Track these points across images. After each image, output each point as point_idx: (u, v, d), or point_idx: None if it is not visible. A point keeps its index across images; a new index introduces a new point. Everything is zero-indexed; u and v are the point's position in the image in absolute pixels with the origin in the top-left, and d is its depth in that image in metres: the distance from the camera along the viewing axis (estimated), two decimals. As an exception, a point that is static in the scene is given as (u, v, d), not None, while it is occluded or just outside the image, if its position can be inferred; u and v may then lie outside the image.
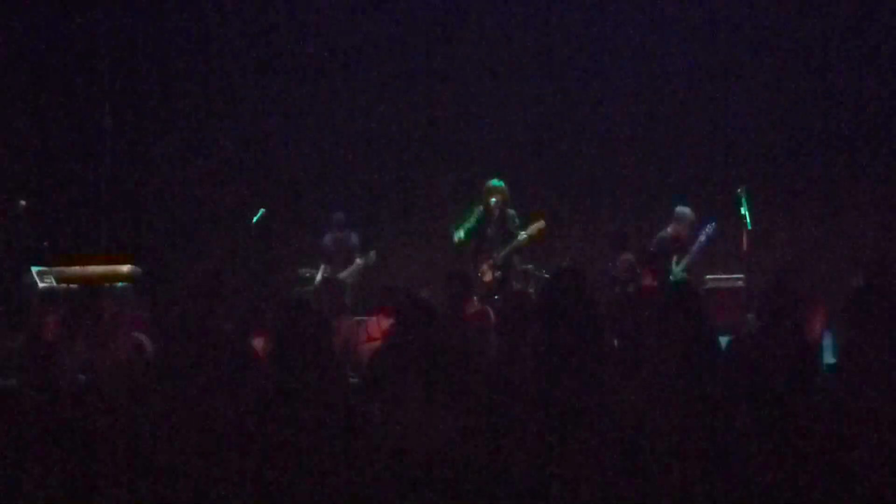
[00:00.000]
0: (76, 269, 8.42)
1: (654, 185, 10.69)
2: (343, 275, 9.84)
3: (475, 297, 7.49)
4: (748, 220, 8.55)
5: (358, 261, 9.99)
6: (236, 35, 11.38)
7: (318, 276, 9.97)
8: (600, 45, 11.03)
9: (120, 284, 8.32)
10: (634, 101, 10.97)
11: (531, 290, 8.34)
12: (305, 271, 10.37)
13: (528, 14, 11.17)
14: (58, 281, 8.31)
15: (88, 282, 8.22)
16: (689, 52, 10.85)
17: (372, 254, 10.02)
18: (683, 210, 9.21)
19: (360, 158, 11.39)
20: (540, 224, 8.82)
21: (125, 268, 8.46)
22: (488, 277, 8.80)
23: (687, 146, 10.81)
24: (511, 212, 9.01)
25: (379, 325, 7.42)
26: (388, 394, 4.36)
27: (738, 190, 8.70)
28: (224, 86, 11.37)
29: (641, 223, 10.23)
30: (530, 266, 9.24)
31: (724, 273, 9.18)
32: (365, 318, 8.03)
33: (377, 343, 6.61)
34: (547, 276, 8.59)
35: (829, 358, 5.69)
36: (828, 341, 6.13)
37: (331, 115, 11.38)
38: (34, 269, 8.37)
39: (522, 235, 8.76)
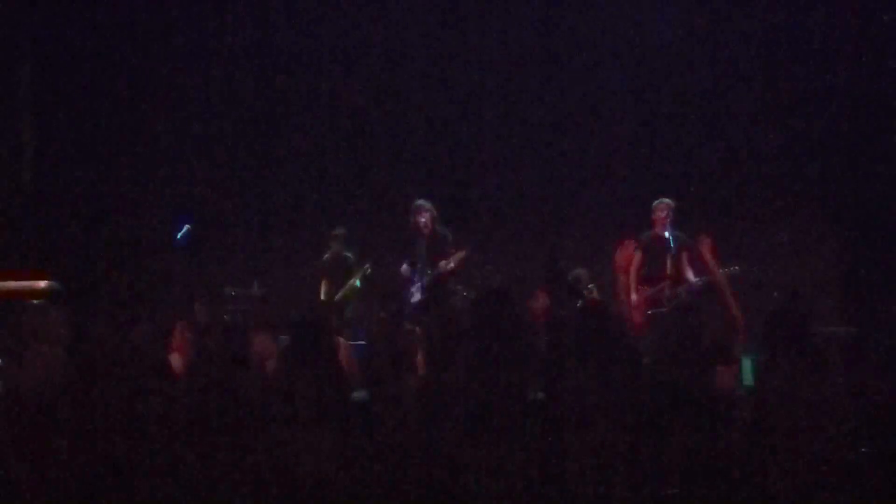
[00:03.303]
0: (-8, 284, 8.22)
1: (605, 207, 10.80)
2: (339, 295, 9.69)
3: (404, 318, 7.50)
4: (671, 242, 8.69)
5: (351, 282, 9.69)
6: (160, 50, 11.22)
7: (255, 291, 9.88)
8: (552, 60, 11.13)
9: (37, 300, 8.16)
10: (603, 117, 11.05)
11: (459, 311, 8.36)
12: (231, 289, 10.24)
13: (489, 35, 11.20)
14: (-28, 296, 8.09)
15: (4, 297, 8.03)
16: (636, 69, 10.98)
17: (366, 267, 9.71)
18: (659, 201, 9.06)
19: (290, 173, 11.33)
20: (461, 254, 8.84)
21: (42, 283, 8.30)
22: (416, 298, 8.82)
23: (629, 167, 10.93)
24: (441, 229, 9.04)
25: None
26: (282, 411, 4.35)
27: (664, 208, 8.87)
28: (145, 99, 11.18)
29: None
30: (459, 287, 9.26)
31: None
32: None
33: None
34: (474, 297, 8.62)
35: (748, 380, 5.80)
36: (747, 363, 6.23)
37: (255, 124, 11.29)
38: (-52, 284, 8.15)
39: (447, 265, 8.76)
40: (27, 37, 10.92)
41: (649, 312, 8.66)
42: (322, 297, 9.78)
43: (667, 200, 8.94)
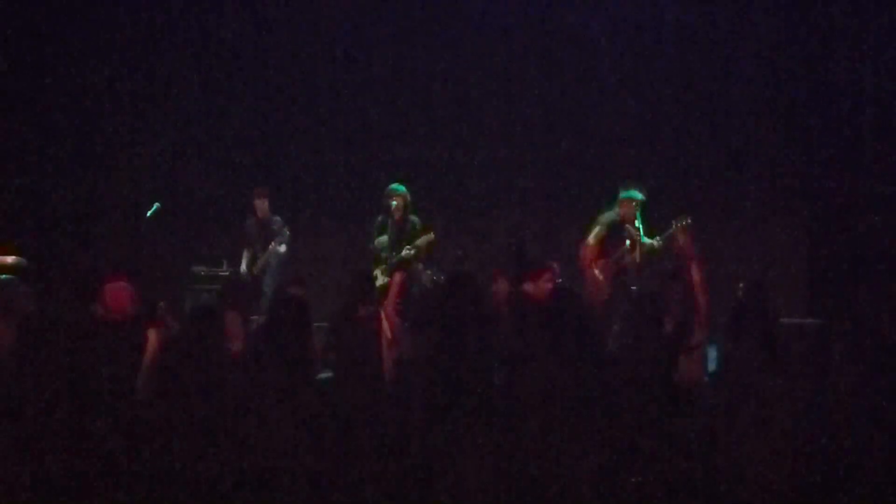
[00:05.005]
0: (-42, 260, 8.16)
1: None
2: (260, 263, 9.71)
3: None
4: (641, 232, 8.71)
5: (273, 246, 9.77)
6: (126, 26, 11.08)
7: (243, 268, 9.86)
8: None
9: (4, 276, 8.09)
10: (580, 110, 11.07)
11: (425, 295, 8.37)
12: (200, 269, 10.21)
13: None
14: (-61, 271, 8.02)
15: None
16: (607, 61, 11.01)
17: (280, 245, 9.76)
18: (628, 191, 8.84)
19: (260, 152, 11.27)
20: (429, 237, 8.85)
21: (10, 259, 8.25)
22: (380, 281, 8.83)
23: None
24: (413, 217, 9.06)
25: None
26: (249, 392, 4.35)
27: (634, 203, 8.84)
28: (114, 77, 11.04)
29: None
30: (429, 271, 9.26)
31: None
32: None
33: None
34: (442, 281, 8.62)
35: (712, 366, 5.84)
36: (712, 352, 6.28)
37: (226, 104, 11.21)
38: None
39: (409, 251, 8.76)
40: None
41: (616, 280, 8.63)
42: (243, 266, 9.80)
43: (638, 197, 8.73)
